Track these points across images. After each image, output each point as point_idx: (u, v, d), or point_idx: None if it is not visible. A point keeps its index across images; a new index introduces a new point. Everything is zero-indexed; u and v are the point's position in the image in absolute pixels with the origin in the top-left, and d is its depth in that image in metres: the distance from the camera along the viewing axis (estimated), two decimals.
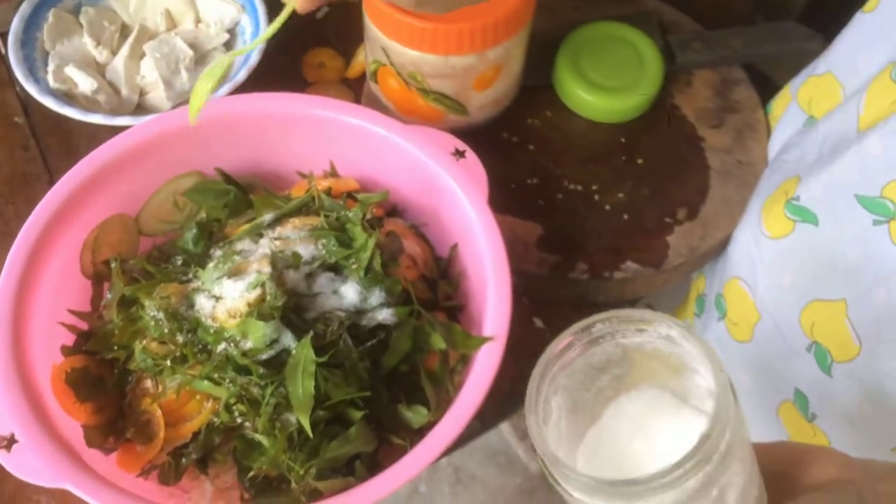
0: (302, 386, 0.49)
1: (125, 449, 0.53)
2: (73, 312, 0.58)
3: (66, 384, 0.54)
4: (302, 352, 0.49)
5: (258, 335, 0.50)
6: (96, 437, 0.53)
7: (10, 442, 0.48)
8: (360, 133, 0.61)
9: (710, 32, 0.77)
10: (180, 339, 0.52)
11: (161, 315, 0.52)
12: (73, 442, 0.51)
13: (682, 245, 0.65)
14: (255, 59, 0.71)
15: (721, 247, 0.67)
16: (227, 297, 0.52)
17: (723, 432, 0.29)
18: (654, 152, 0.71)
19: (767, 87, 0.75)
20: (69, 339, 0.57)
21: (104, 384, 0.56)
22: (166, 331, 0.52)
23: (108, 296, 0.57)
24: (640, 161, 0.70)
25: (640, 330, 0.34)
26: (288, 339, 0.50)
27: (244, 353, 0.50)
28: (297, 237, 0.56)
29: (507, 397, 0.59)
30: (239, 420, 0.52)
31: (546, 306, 0.67)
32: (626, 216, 0.67)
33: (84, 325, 0.58)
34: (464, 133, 0.61)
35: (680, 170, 0.70)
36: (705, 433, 0.29)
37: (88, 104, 0.71)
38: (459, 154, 0.60)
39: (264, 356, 0.50)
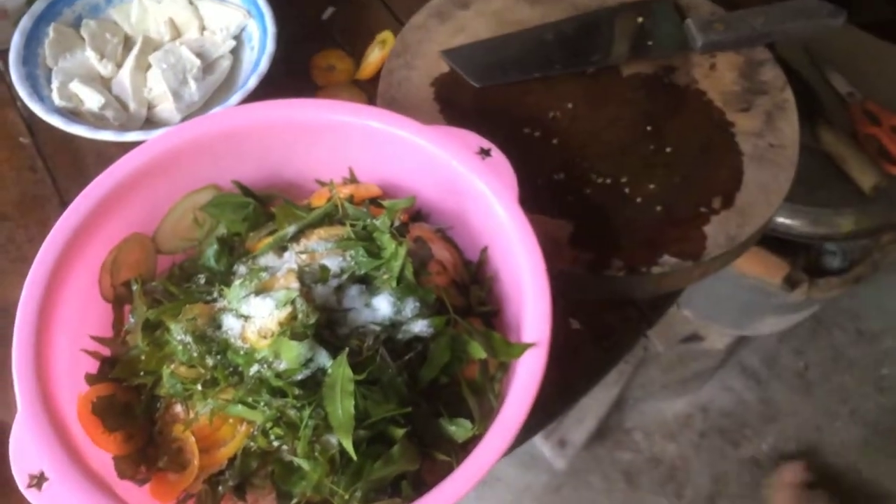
0: (341, 406, 0.46)
1: (158, 478, 0.51)
2: (95, 339, 0.55)
3: (92, 414, 0.51)
4: (338, 370, 0.47)
5: (292, 355, 0.48)
6: (128, 468, 0.51)
7: (41, 480, 0.46)
8: (380, 136, 0.59)
9: (731, 13, 0.75)
10: (210, 361, 0.50)
11: (189, 338, 0.50)
12: (105, 475, 0.49)
13: (720, 235, 0.63)
14: (264, 66, 0.69)
15: (760, 234, 0.65)
16: (255, 316, 0.50)
17: None
18: (683, 140, 0.68)
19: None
20: (92, 366, 0.55)
21: (132, 412, 0.53)
22: (195, 354, 0.50)
23: (131, 319, 0.55)
24: (668, 150, 0.68)
25: None
26: (323, 358, 0.48)
27: (278, 375, 0.48)
28: (323, 249, 0.54)
29: (548, 401, 0.56)
30: (276, 444, 0.49)
31: (581, 305, 0.64)
32: (659, 208, 0.65)
33: (107, 352, 0.56)
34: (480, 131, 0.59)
35: (711, 157, 0.67)
36: None
37: (96, 120, 0.69)
38: (485, 153, 0.58)
39: (299, 376, 0.48)
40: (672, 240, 0.63)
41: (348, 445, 0.45)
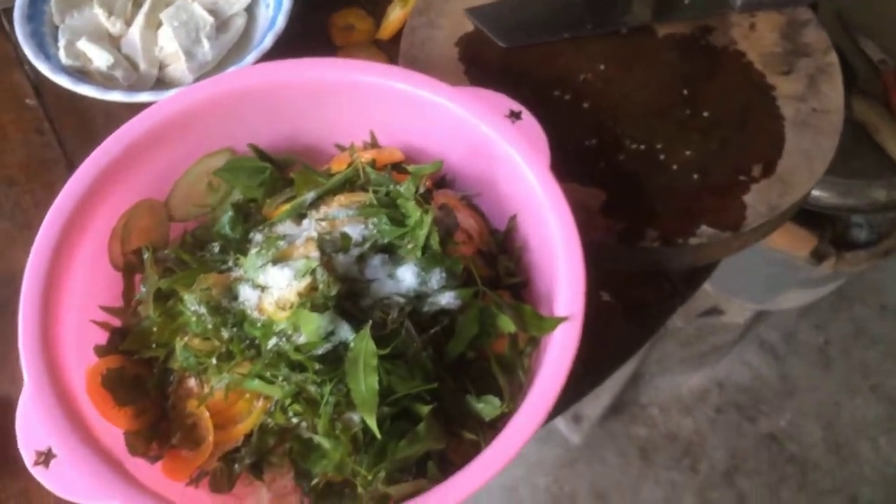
0: (365, 382, 0.44)
1: (171, 456, 0.49)
2: (104, 308, 0.53)
3: (102, 387, 0.49)
4: (361, 344, 0.45)
5: (312, 328, 0.45)
6: (139, 444, 0.49)
7: (48, 457, 0.43)
8: (404, 98, 0.55)
9: None
10: (225, 334, 0.48)
11: (203, 309, 0.48)
12: (115, 452, 0.46)
13: (760, 204, 0.60)
14: (281, 23, 0.65)
15: (801, 204, 0.62)
16: (273, 286, 0.47)
17: None
18: (721, 104, 0.65)
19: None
20: (101, 337, 0.53)
21: (143, 385, 0.51)
22: (210, 326, 0.48)
23: (143, 289, 0.52)
24: (705, 114, 0.64)
25: None
26: (345, 331, 0.46)
27: (297, 348, 0.45)
28: (344, 216, 0.51)
29: (577, 378, 0.54)
30: (294, 420, 0.47)
31: (612, 277, 0.61)
32: (695, 175, 0.61)
33: (117, 322, 0.54)
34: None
35: (750, 122, 0.64)
36: None
37: (105, 80, 0.65)
38: (515, 116, 0.54)
39: (320, 350, 0.45)
40: (710, 209, 0.60)
41: (372, 423, 0.43)
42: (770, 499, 1.54)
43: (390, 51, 0.72)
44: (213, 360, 0.48)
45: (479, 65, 0.68)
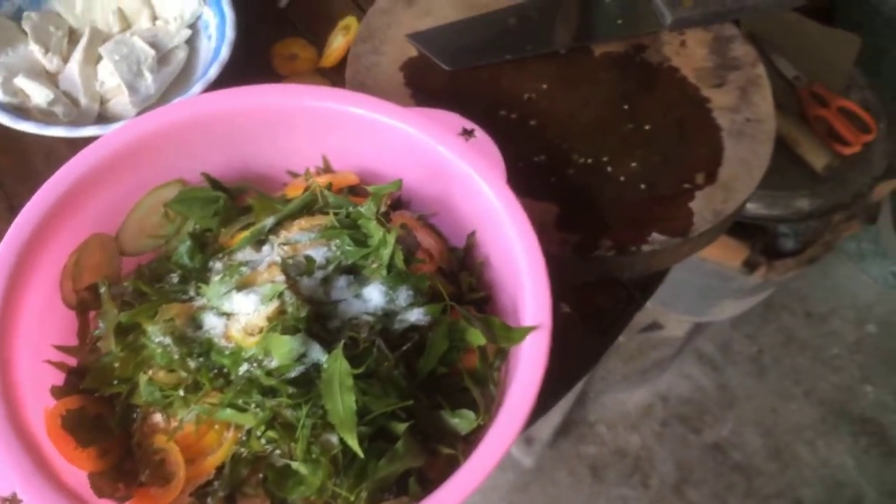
0: (342, 402, 0.43)
1: (141, 494, 0.47)
2: (59, 348, 0.51)
3: (62, 429, 0.47)
4: (335, 364, 0.44)
5: (284, 351, 0.44)
6: (105, 486, 0.47)
7: (14, 502, 0.41)
8: (357, 122, 0.56)
9: None
10: (192, 364, 0.47)
11: (168, 339, 0.46)
12: (83, 493, 0.45)
13: (706, 210, 0.62)
14: (225, 53, 0.65)
15: (742, 209, 0.64)
16: (240, 312, 0.47)
17: None
18: (661, 117, 0.67)
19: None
20: (58, 378, 0.51)
21: (105, 424, 0.49)
22: (176, 357, 0.46)
23: (101, 325, 0.51)
24: (647, 127, 0.67)
25: None
26: (317, 353, 0.45)
27: (269, 373, 0.45)
28: (305, 240, 0.51)
29: (545, 389, 0.54)
30: (268, 448, 0.46)
31: (569, 289, 0.62)
32: (643, 185, 0.63)
33: (73, 362, 0.52)
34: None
35: (689, 133, 0.66)
36: None
37: (44, 117, 0.64)
38: (468, 133, 0.55)
39: (293, 373, 0.45)
40: (659, 217, 0.62)
41: (353, 443, 0.42)
42: None
43: (334, 79, 0.73)
44: (181, 392, 0.47)
45: (426, 89, 0.69)
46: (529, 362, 0.47)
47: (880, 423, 1.65)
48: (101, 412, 0.50)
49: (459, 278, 0.56)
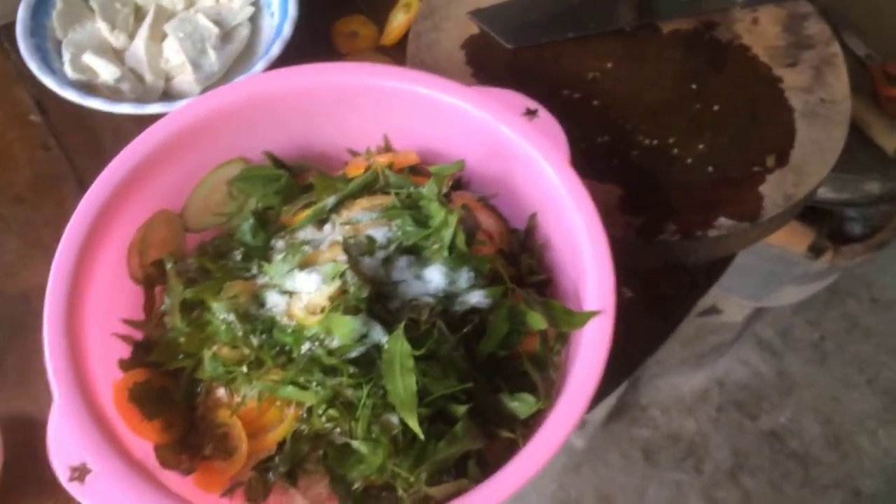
0: (402, 383, 0.43)
1: (204, 467, 0.48)
2: (127, 322, 0.52)
3: (130, 401, 0.48)
4: (396, 345, 0.44)
5: (345, 331, 0.44)
6: (170, 457, 0.48)
7: (83, 472, 0.42)
8: (418, 100, 0.55)
9: None
10: (255, 341, 0.47)
11: (232, 317, 0.47)
12: (149, 464, 0.46)
13: (776, 194, 0.60)
14: (288, 31, 0.65)
15: (815, 192, 0.62)
16: (302, 291, 0.47)
17: None
18: (730, 97, 0.65)
19: None
20: (124, 351, 0.52)
21: (171, 397, 0.50)
22: (239, 334, 0.47)
23: (166, 300, 0.52)
24: (716, 108, 0.65)
25: None
26: (378, 334, 0.45)
27: (331, 352, 0.45)
28: (367, 220, 0.51)
29: (610, 372, 0.54)
30: (328, 426, 0.46)
31: (632, 273, 0.61)
32: (710, 168, 0.61)
33: (139, 335, 0.53)
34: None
35: (760, 114, 0.64)
36: None
37: (111, 94, 0.65)
38: (532, 113, 0.54)
39: (354, 353, 0.45)
40: (727, 201, 0.60)
41: (414, 424, 0.42)
42: (774, 496, 1.54)
43: (395, 56, 0.72)
44: (244, 369, 0.47)
45: (487, 67, 0.68)
46: (591, 347, 0.46)
47: None
48: (167, 386, 0.51)
49: (520, 260, 0.55)
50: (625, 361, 0.59)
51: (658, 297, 0.61)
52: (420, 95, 0.55)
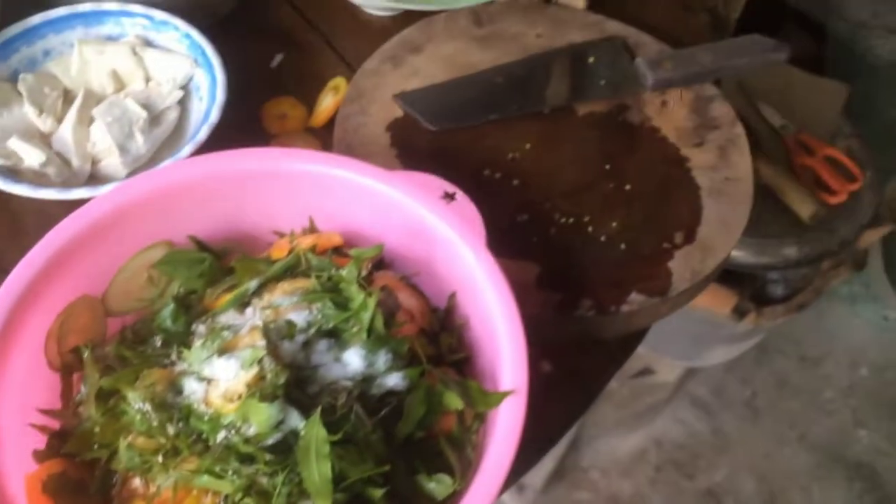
0: (318, 469, 0.44)
1: None
2: (43, 411, 0.52)
3: (44, 494, 0.48)
4: (312, 431, 0.45)
5: (262, 418, 0.45)
6: None
7: None
8: (342, 184, 0.57)
9: (679, 51, 0.76)
10: (171, 430, 0.47)
11: (147, 406, 0.47)
12: None
13: (684, 270, 0.63)
14: (215, 116, 0.66)
15: (722, 267, 0.65)
16: (220, 378, 0.47)
17: None
18: (641, 177, 0.68)
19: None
20: (40, 442, 0.51)
21: (86, 489, 0.50)
22: (155, 423, 0.47)
23: (83, 389, 0.51)
24: (628, 187, 0.68)
25: None
26: (294, 419, 0.46)
27: (247, 440, 0.45)
28: (287, 303, 0.52)
29: (524, 449, 0.55)
30: None
31: (549, 348, 0.63)
32: (623, 245, 0.64)
33: (56, 425, 0.52)
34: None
35: (670, 192, 0.68)
36: None
37: (36, 178, 0.65)
38: (449, 197, 0.57)
39: (270, 441, 0.45)
40: (638, 277, 0.63)
41: None
42: None
43: (323, 137, 0.74)
44: (159, 458, 0.47)
45: (411, 149, 0.70)
46: (506, 426, 0.47)
47: (874, 469, 1.64)
48: (82, 477, 0.50)
49: (440, 339, 0.57)
50: (544, 435, 0.60)
51: (576, 370, 0.63)
52: (343, 180, 0.57)
